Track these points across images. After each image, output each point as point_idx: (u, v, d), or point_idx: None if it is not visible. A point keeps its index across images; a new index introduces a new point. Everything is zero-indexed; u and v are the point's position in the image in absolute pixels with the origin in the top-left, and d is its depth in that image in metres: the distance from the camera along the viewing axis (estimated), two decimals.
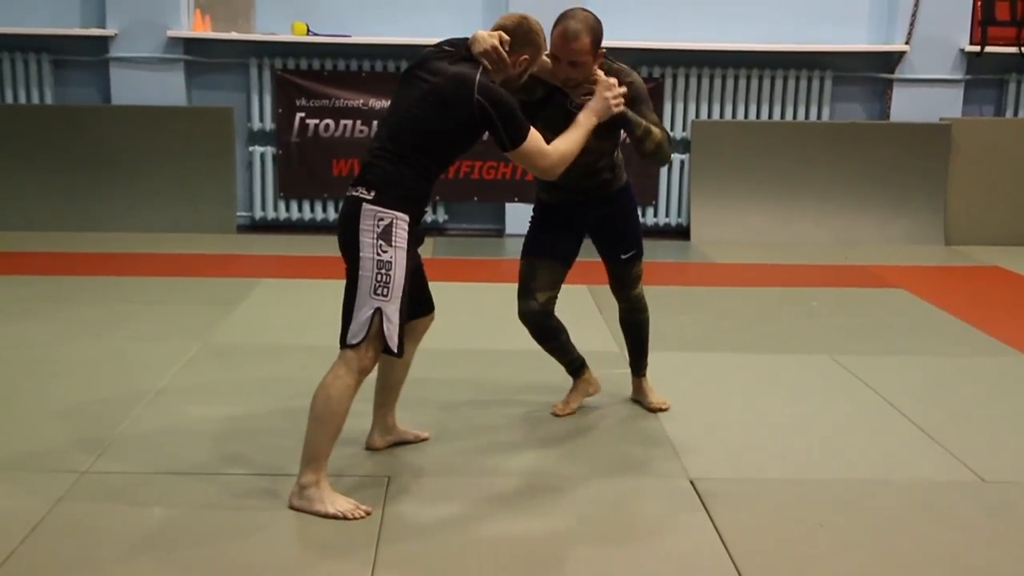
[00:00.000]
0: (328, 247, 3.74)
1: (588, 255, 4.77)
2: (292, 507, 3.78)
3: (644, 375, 5.05)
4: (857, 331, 6.52)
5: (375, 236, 3.73)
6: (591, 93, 4.21)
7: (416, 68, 3.94)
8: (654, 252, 9.09)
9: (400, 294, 3.75)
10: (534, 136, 3.91)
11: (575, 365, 4.89)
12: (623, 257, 4.75)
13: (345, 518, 3.70)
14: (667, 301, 6.89)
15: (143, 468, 4.19)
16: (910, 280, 7.95)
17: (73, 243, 8.75)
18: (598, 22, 4.25)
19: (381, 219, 3.74)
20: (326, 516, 3.70)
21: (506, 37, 3.94)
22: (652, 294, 4.48)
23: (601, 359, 5.29)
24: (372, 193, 3.75)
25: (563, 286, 4.72)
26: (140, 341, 5.99)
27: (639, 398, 5.05)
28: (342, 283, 3.75)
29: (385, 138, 3.88)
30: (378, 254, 3.71)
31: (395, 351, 3.77)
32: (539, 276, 4.65)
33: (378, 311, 3.71)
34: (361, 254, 3.73)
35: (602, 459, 4.38)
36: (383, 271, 3.71)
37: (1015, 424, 4.95)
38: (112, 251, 8.47)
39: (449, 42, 4.03)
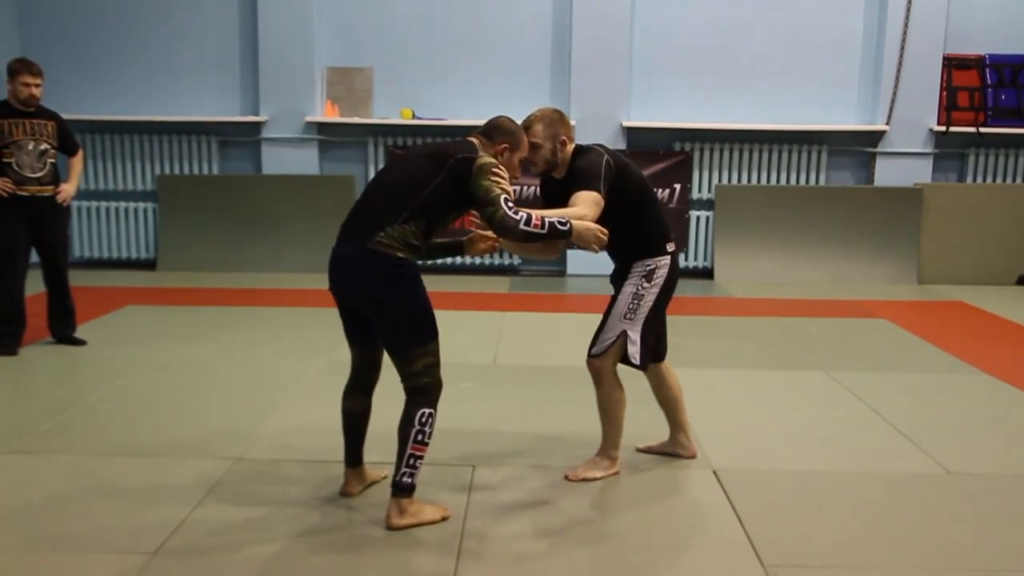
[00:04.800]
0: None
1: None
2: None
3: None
4: (847, 353, 6.44)
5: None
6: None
7: None
8: (685, 289, 9.03)
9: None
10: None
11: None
12: None
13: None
14: (696, 328, 6.86)
15: (282, 456, 4.25)
16: (890, 312, 7.84)
17: (232, 281, 8.89)
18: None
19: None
20: None
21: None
22: (684, 322, 4.41)
23: None
24: None
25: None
26: (281, 357, 6.07)
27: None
28: (437, 312, 3.70)
29: None
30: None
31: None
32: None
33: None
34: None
35: (640, 453, 4.35)
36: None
37: (975, 428, 4.86)
38: (261, 287, 8.61)
39: None
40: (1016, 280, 9.51)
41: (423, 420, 3.43)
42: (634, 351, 3.90)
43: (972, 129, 9.52)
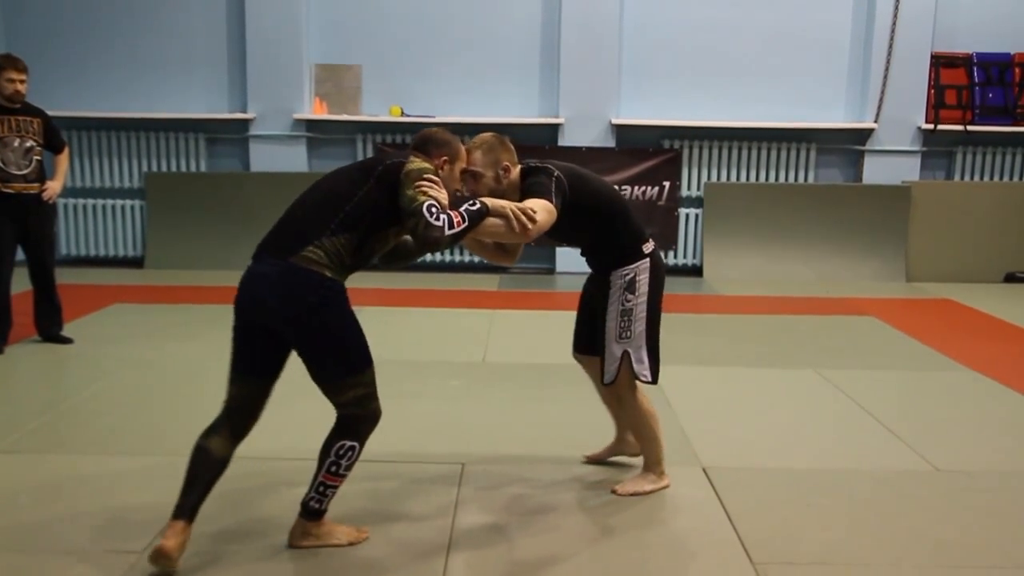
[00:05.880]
0: (411, 282, 3.70)
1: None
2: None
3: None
4: (836, 350, 6.45)
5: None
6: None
7: None
8: (674, 287, 9.02)
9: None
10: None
11: None
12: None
13: None
14: (684, 326, 6.86)
15: (271, 455, 4.25)
16: (879, 309, 7.86)
17: (220, 279, 8.82)
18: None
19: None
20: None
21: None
22: (671, 320, 4.35)
23: None
24: None
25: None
26: None
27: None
28: (427, 310, 3.73)
29: None
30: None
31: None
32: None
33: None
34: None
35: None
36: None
37: (962, 425, 4.88)
38: None
39: None
40: (1004, 277, 9.56)
41: (340, 452, 3.20)
42: (641, 368, 3.75)
43: (960, 127, 9.55)
